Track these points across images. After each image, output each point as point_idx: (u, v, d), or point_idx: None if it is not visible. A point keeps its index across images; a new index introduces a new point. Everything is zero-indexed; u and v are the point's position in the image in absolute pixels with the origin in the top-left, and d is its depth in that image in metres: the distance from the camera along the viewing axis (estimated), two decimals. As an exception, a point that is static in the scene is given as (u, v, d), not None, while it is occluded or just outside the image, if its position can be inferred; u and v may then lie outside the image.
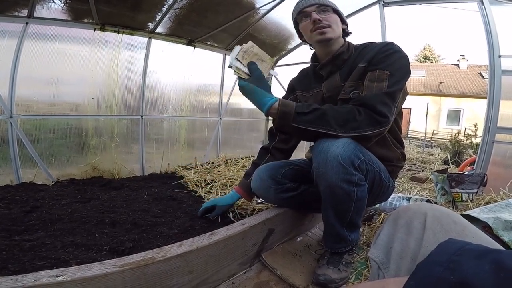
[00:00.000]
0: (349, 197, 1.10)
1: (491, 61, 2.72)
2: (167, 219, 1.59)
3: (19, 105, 2.32)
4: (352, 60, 1.30)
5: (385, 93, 1.10)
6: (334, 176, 1.05)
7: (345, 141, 1.06)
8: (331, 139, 1.07)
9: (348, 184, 1.07)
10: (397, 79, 1.13)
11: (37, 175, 2.39)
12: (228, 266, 1.17)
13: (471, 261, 0.34)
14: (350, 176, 1.06)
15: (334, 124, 1.07)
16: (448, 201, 2.20)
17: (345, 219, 1.17)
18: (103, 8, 2.43)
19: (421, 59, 32.14)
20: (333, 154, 1.03)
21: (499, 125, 2.68)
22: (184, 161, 3.43)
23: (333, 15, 1.29)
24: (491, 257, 0.33)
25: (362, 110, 1.08)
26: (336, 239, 1.24)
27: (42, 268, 1.00)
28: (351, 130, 1.07)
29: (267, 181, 1.40)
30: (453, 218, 0.54)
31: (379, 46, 1.24)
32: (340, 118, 1.08)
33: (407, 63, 1.21)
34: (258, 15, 3.24)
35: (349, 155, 1.05)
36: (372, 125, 1.08)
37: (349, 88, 1.24)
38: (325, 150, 1.05)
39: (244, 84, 1.17)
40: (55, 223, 1.47)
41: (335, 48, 1.31)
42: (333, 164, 1.04)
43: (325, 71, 1.35)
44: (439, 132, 15.28)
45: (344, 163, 1.04)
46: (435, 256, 0.38)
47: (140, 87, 3.03)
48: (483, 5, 2.71)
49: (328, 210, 1.16)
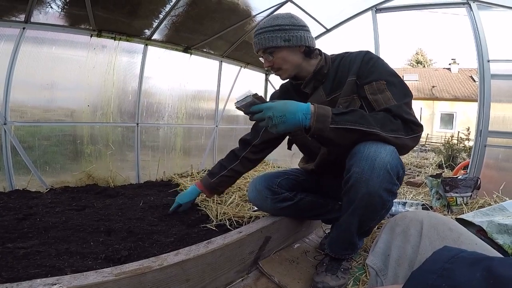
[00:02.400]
0: (383, 206, 1.06)
1: (480, 66, 2.77)
2: (163, 227, 1.58)
3: (14, 111, 2.29)
4: (333, 73, 1.29)
5: (403, 104, 1.08)
6: (378, 184, 0.99)
7: (392, 149, 1.02)
8: (377, 145, 1.01)
9: (388, 193, 1.03)
10: (398, 87, 1.13)
11: (31, 182, 2.36)
12: (225, 274, 1.16)
13: (463, 269, 0.35)
14: (392, 186, 1.04)
15: (374, 124, 1.01)
16: (443, 205, 2.21)
17: (365, 228, 1.15)
18: (100, 14, 2.43)
19: (414, 64, 32.50)
20: (383, 162, 0.99)
21: (491, 129, 2.73)
22: (180, 168, 3.41)
23: (279, 53, 1.23)
24: (483, 265, 0.34)
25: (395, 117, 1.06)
26: (346, 246, 1.23)
27: (36, 276, 0.99)
28: (390, 132, 1.02)
29: (264, 191, 1.41)
30: (449, 225, 0.55)
31: (360, 56, 1.22)
32: (378, 120, 1.03)
33: (390, 67, 1.21)
34: (254, 22, 3.27)
35: (396, 164, 1.02)
36: (407, 131, 1.05)
37: (343, 103, 1.21)
38: (372, 156, 0.99)
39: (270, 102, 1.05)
40: (49, 230, 1.45)
41: (306, 72, 1.29)
42: (380, 171, 0.99)
43: (309, 87, 1.32)
44: (433, 136, 15.41)
45: (392, 172, 1.01)
46: (429, 264, 0.39)
47: (136, 94, 3.02)
48: (471, 10, 2.76)
49: (354, 217, 1.10)
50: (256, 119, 1.06)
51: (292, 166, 1.65)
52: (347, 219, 1.12)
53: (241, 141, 1.64)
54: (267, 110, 1.01)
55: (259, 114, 1.03)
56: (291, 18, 1.24)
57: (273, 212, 1.49)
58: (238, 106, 1.06)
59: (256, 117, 1.04)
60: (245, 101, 1.03)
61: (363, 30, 3.35)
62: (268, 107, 1.01)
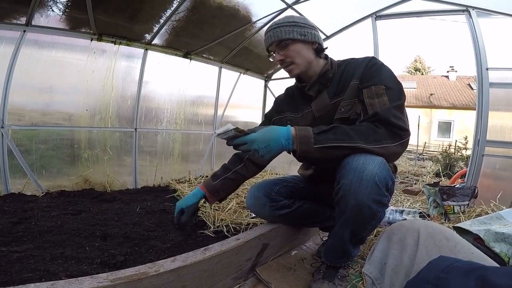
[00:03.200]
0: (373, 217, 1.07)
1: (479, 74, 2.77)
2: (160, 233, 1.57)
3: (12, 114, 2.29)
4: (337, 78, 1.30)
5: (394, 107, 1.09)
6: (366, 195, 1.00)
7: (380, 161, 1.02)
8: (366, 157, 1.02)
9: (378, 204, 1.04)
10: (395, 92, 1.13)
11: (27, 186, 2.35)
12: (222, 281, 1.15)
13: (458, 278, 0.35)
14: (382, 197, 1.04)
15: (357, 138, 1.03)
16: (440, 214, 2.22)
17: (357, 237, 1.15)
18: (101, 18, 2.45)
19: (412, 71, 32.71)
20: (370, 174, 0.99)
21: (488, 138, 2.73)
22: (177, 174, 3.41)
23: (294, 45, 1.25)
24: (477, 274, 0.34)
25: (379, 125, 1.06)
26: (340, 255, 1.23)
27: (30, 280, 0.98)
28: (374, 142, 1.03)
29: (262, 198, 1.40)
30: (445, 235, 0.55)
31: (365, 61, 1.24)
32: (360, 133, 1.05)
33: (394, 75, 1.21)
34: (254, 28, 3.30)
35: (385, 176, 1.02)
36: (393, 138, 1.05)
37: (346, 107, 1.22)
38: (360, 168, 1.00)
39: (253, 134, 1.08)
40: (44, 235, 1.44)
41: (314, 71, 1.31)
42: (368, 183, 0.99)
43: (314, 90, 1.33)
44: (430, 144, 15.44)
45: (380, 184, 1.01)
46: (424, 274, 0.39)
47: (135, 99, 3.03)
48: (470, 17, 2.78)
49: (345, 228, 1.11)
50: (242, 150, 1.10)
51: (291, 173, 1.65)
52: (339, 229, 1.14)
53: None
54: (252, 143, 1.06)
55: (244, 146, 1.07)
56: (305, 19, 1.30)
57: (271, 219, 1.48)
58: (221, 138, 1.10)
59: (241, 148, 1.08)
60: (227, 134, 1.07)
61: (363, 37, 3.39)
62: (252, 140, 1.06)
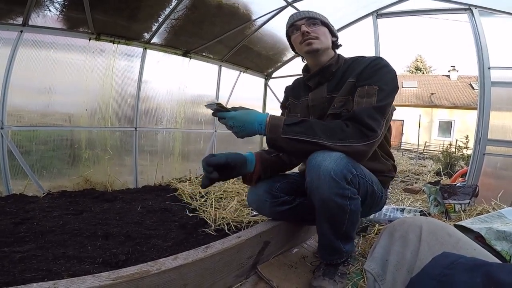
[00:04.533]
0: (343, 211, 1.10)
1: (480, 73, 2.76)
2: (161, 232, 1.57)
3: (11, 115, 2.29)
4: (341, 73, 1.32)
5: (374, 108, 1.11)
6: (327, 190, 1.05)
7: (337, 156, 1.06)
8: (324, 154, 1.06)
9: (342, 198, 1.07)
10: (386, 94, 1.15)
11: (28, 186, 2.35)
12: (223, 279, 1.15)
13: (463, 275, 0.35)
14: (343, 191, 1.07)
15: (321, 134, 1.08)
16: (441, 212, 2.21)
17: (340, 232, 1.17)
18: (99, 17, 2.45)
19: (413, 70, 32.61)
20: (326, 169, 1.04)
21: (490, 137, 2.72)
22: (178, 173, 3.41)
23: (322, 27, 1.33)
24: (482, 270, 0.34)
25: (349, 124, 1.09)
26: (330, 251, 1.24)
27: (33, 280, 0.98)
28: (338, 141, 1.07)
29: (263, 195, 1.40)
30: (447, 231, 0.55)
31: (368, 60, 1.25)
32: (327, 130, 1.09)
33: (395, 78, 1.22)
34: (254, 26, 3.29)
35: (341, 169, 1.05)
36: (360, 137, 1.08)
37: (338, 103, 1.24)
38: (317, 165, 1.05)
39: (233, 112, 1.15)
40: (46, 235, 1.45)
41: (324, 59, 1.34)
42: (325, 179, 1.04)
43: (313, 82, 1.38)
44: (431, 143, 15.43)
45: (337, 178, 1.04)
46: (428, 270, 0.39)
47: (134, 98, 3.03)
48: (473, 16, 2.76)
49: (323, 223, 1.16)
50: (222, 123, 1.18)
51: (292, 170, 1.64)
52: (319, 225, 1.20)
53: None
54: (230, 119, 1.14)
55: (223, 120, 1.16)
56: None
57: (271, 216, 1.48)
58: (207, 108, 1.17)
59: (221, 121, 1.17)
60: (211, 107, 1.16)
61: (364, 35, 3.38)
62: (231, 117, 1.14)
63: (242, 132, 1.15)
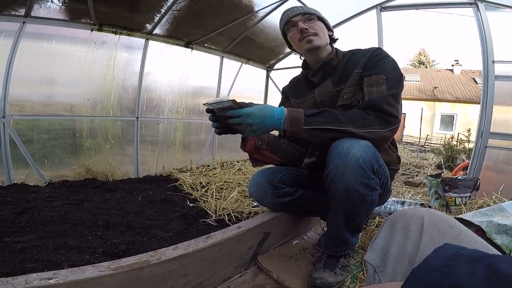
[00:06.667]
0: (364, 201, 1.08)
1: (485, 67, 2.74)
2: (162, 222, 1.58)
3: (13, 105, 2.29)
4: (342, 66, 1.32)
5: (390, 95, 1.12)
6: (353, 179, 1.02)
7: (365, 144, 1.04)
8: (352, 141, 1.04)
9: (366, 188, 1.05)
10: (394, 82, 1.16)
11: (29, 176, 2.36)
12: (223, 270, 1.16)
13: (465, 266, 0.34)
14: (369, 180, 1.05)
15: (346, 122, 1.05)
16: (441, 205, 2.21)
17: (352, 223, 1.17)
18: (101, 8, 2.42)
19: (416, 64, 32.37)
20: (354, 157, 1.01)
21: (492, 130, 2.72)
22: (179, 163, 3.41)
23: (318, 22, 1.31)
24: (485, 262, 0.33)
25: (370, 112, 1.09)
26: (338, 243, 1.24)
27: (33, 270, 0.99)
28: (363, 127, 1.05)
29: (265, 186, 1.40)
30: (449, 223, 0.54)
31: (370, 51, 1.26)
32: (350, 118, 1.07)
33: (397, 66, 1.23)
34: (256, 18, 3.25)
35: (370, 158, 1.04)
36: (382, 124, 1.08)
37: (348, 94, 1.24)
38: (345, 152, 1.02)
39: (249, 109, 1.05)
40: (47, 225, 1.45)
41: (324, 55, 1.34)
42: (353, 167, 1.01)
43: (317, 77, 1.37)
44: (433, 137, 15.38)
45: (365, 167, 1.02)
46: (430, 261, 0.38)
47: (136, 88, 3.01)
48: (478, 11, 2.74)
49: (338, 214, 1.14)
50: (233, 123, 1.06)
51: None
52: (332, 216, 1.17)
53: None
54: (247, 117, 1.04)
55: (237, 119, 1.05)
56: None
57: (273, 207, 1.48)
58: (210, 108, 1.06)
59: (233, 120, 1.05)
60: (221, 104, 1.03)
61: (367, 28, 3.34)
62: (248, 114, 1.04)
63: (262, 129, 1.06)
